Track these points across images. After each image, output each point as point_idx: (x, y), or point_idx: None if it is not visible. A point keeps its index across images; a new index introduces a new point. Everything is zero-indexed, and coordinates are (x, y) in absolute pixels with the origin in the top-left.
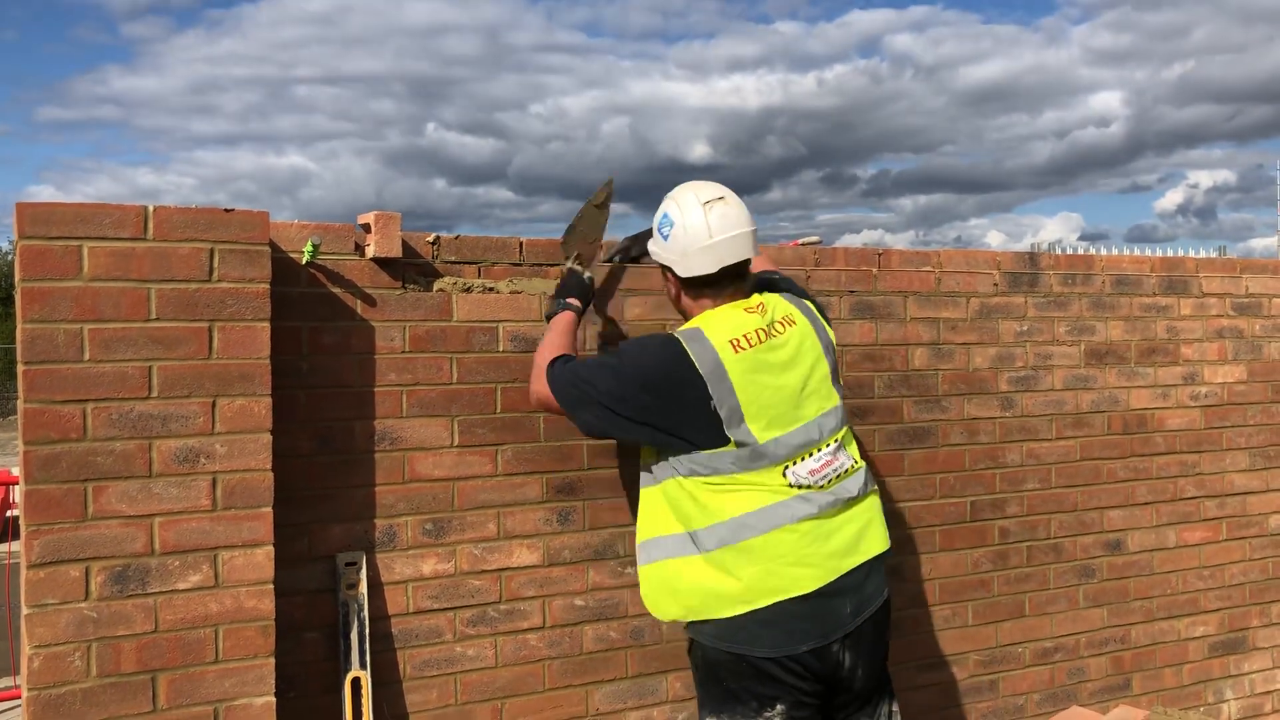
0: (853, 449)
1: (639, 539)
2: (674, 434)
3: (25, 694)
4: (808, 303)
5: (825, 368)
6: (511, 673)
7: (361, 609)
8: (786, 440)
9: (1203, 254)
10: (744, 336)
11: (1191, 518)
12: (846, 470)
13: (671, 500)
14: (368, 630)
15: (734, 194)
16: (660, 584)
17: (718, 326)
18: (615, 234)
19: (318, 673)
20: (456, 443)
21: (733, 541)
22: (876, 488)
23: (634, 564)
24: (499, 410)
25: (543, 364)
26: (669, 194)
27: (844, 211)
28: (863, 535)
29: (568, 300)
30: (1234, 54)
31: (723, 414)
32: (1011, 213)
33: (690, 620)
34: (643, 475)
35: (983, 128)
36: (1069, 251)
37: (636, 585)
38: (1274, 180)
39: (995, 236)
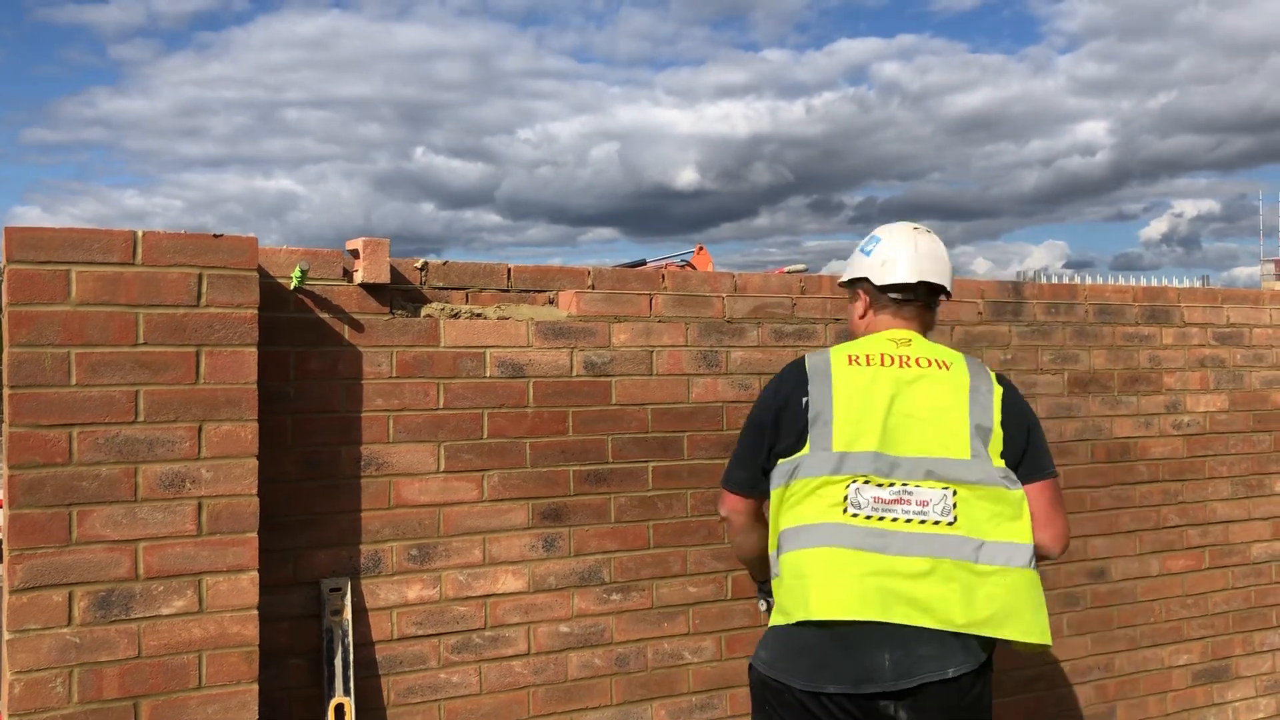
0: (971, 518)
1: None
2: (777, 440)
3: None
4: (992, 375)
5: (964, 422)
6: (496, 700)
7: (346, 635)
8: (860, 457)
9: (1187, 283)
10: (865, 356)
11: (1174, 546)
12: (927, 521)
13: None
14: (352, 656)
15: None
16: None
17: (846, 347)
18: (604, 260)
19: (301, 699)
20: (443, 468)
21: (781, 552)
22: (1000, 568)
23: (618, 590)
24: (485, 436)
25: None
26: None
27: (831, 238)
28: (936, 600)
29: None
30: (1217, 85)
31: (811, 413)
32: (998, 240)
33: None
34: None
35: (969, 156)
36: (1055, 279)
37: (622, 612)
38: (1257, 210)
39: (982, 264)
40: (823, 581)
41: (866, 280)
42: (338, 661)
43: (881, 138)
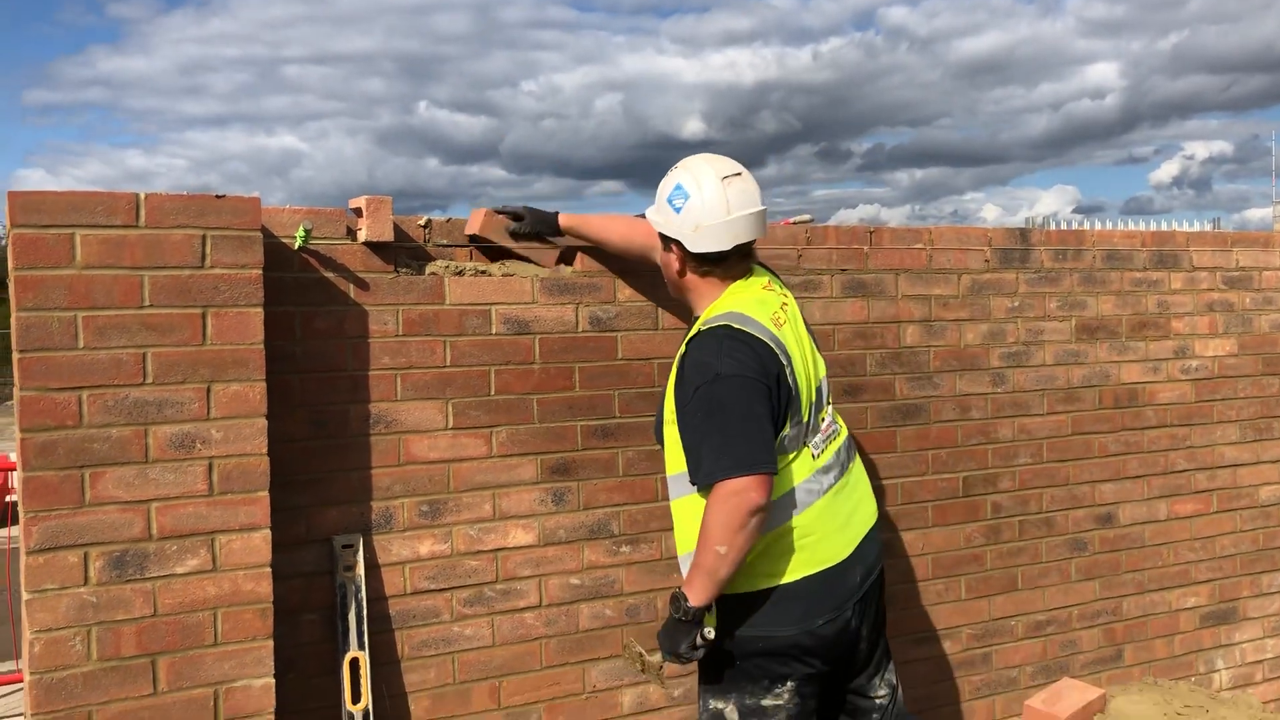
0: (838, 416)
1: (681, 551)
2: (779, 417)
3: (27, 678)
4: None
5: (813, 343)
6: (509, 651)
7: (359, 590)
8: (810, 412)
9: (1198, 226)
10: (775, 317)
11: (1182, 490)
12: (838, 433)
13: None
14: (365, 611)
15: (747, 170)
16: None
17: (754, 309)
18: (610, 213)
19: (316, 654)
20: (451, 425)
21: (775, 525)
22: (858, 457)
23: (629, 543)
24: (493, 392)
25: (711, 517)
26: (679, 165)
27: (840, 186)
28: (863, 503)
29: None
30: (1229, 24)
31: (793, 389)
32: (1007, 186)
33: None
34: (674, 486)
35: (978, 100)
36: (1065, 225)
37: (631, 564)
38: (1270, 151)
39: (991, 210)
40: (829, 532)
41: (680, 242)
42: (351, 617)
43: (889, 84)
